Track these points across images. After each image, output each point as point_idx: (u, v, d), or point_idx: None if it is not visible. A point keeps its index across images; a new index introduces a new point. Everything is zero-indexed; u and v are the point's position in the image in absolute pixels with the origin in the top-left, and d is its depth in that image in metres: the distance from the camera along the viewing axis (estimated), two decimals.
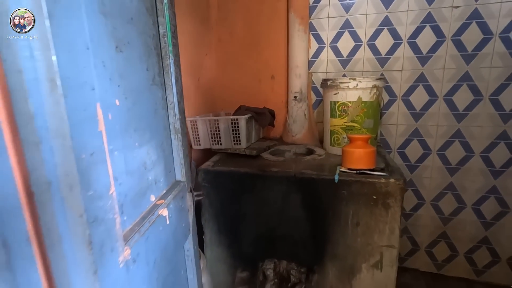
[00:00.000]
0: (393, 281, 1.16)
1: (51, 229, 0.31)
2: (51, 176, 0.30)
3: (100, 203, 0.36)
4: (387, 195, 1.07)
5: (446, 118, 1.57)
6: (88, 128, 0.34)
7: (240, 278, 1.40)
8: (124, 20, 0.47)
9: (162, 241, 0.55)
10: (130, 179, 0.47)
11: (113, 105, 0.42)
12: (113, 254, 0.38)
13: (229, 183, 1.28)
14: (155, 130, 0.58)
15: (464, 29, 1.46)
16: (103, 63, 0.40)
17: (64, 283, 0.33)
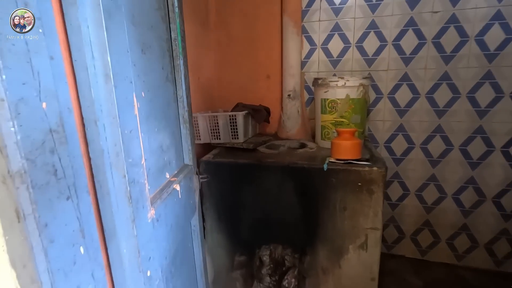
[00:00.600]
0: (377, 260, 1.28)
1: (104, 186, 0.42)
2: (104, 145, 0.41)
3: (135, 169, 0.47)
4: (371, 182, 1.20)
5: (428, 114, 1.70)
6: (129, 112, 0.45)
7: (238, 261, 1.51)
8: (146, 28, 0.58)
9: (176, 210, 0.66)
10: (152, 157, 0.58)
11: (141, 96, 0.53)
12: (144, 210, 0.49)
13: (228, 174, 1.39)
14: (168, 119, 0.69)
15: (443, 32, 1.59)
16: (134, 63, 0.51)
17: (111, 230, 0.44)
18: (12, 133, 0.30)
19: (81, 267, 0.39)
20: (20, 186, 0.32)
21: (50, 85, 0.34)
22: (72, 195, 0.38)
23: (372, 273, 1.29)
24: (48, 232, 0.34)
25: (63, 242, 0.36)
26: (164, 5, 0.69)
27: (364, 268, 1.29)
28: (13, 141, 0.31)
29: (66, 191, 0.37)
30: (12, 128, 0.30)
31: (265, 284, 1.50)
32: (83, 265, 0.39)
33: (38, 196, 0.33)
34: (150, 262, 0.51)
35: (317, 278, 1.38)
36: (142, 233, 0.48)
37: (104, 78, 0.40)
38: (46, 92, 0.34)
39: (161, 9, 0.67)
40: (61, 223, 0.36)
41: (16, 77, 0.30)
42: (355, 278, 1.32)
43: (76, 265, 0.38)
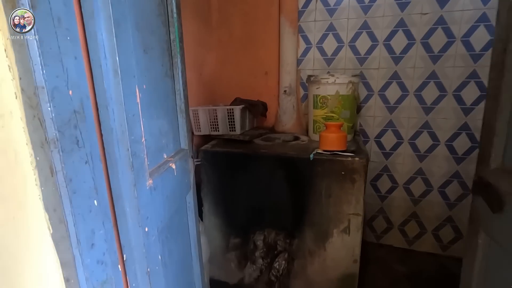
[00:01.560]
0: (359, 243, 1.39)
1: (112, 156, 0.55)
2: (113, 125, 0.54)
3: (137, 145, 0.60)
4: (353, 171, 1.31)
5: (416, 111, 1.79)
6: (132, 100, 0.58)
7: (233, 243, 1.64)
8: (148, 32, 0.70)
9: (171, 185, 0.79)
10: (151, 138, 0.71)
11: (142, 88, 0.66)
12: (143, 178, 0.62)
13: (225, 162, 1.51)
14: (167, 109, 0.82)
15: (431, 33, 1.67)
16: (137, 61, 0.63)
17: (117, 191, 0.57)
18: (49, 112, 0.43)
19: (95, 215, 0.52)
20: (53, 150, 0.45)
21: (74, 78, 0.47)
22: (89, 160, 0.50)
23: (354, 255, 1.41)
24: (72, 185, 0.47)
25: (82, 194, 0.49)
26: (165, 12, 0.81)
27: (347, 250, 1.41)
28: (49, 117, 0.43)
29: (85, 157, 0.49)
30: (49, 108, 0.43)
31: (257, 265, 1.63)
32: (96, 214, 0.52)
33: (65, 158, 0.46)
34: (148, 220, 0.64)
35: (304, 260, 1.50)
36: (141, 196, 0.61)
37: (113, 73, 0.53)
38: (71, 83, 0.46)
39: (162, 15, 0.79)
40: (81, 180, 0.49)
41: (52, 72, 0.43)
42: (339, 260, 1.43)
43: (91, 213, 0.51)
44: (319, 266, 1.48)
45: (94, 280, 0.53)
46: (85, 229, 0.50)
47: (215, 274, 1.66)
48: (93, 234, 0.52)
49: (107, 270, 0.55)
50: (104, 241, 0.54)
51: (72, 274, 0.50)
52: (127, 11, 0.57)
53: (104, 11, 0.50)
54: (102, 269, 0.54)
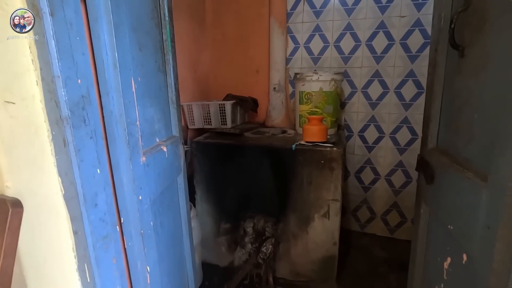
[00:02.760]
0: (338, 227, 1.52)
1: (111, 134, 0.68)
2: (112, 109, 0.66)
3: (132, 126, 0.72)
4: (331, 160, 1.43)
5: (396, 107, 1.92)
6: (128, 89, 0.70)
7: (223, 228, 1.77)
8: (143, 33, 0.83)
9: (163, 165, 0.91)
10: (145, 123, 0.83)
11: (138, 80, 0.78)
12: (137, 155, 0.74)
13: (216, 153, 1.64)
14: (159, 99, 0.94)
15: (409, 34, 1.80)
16: (133, 57, 0.76)
17: (116, 163, 0.69)
18: (63, 95, 0.56)
19: (98, 181, 0.64)
20: (66, 125, 0.57)
21: (82, 70, 0.59)
22: (93, 136, 0.63)
23: (333, 238, 1.53)
24: (80, 154, 0.60)
25: (88, 163, 0.62)
26: (158, 15, 0.93)
27: (327, 234, 1.53)
28: (64, 100, 0.56)
29: (90, 133, 0.62)
30: (63, 93, 0.55)
31: (246, 249, 1.76)
32: (99, 180, 0.65)
33: (75, 133, 0.58)
34: (141, 190, 0.76)
35: (288, 243, 1.63)
36: (136, 169, 0.73)
37: (113, 67, 0.65)
38: (80, 73, 0.59)
39: (155, 18, 0.91)
40: (87, 151, 0.61)
41: (65, 64, 0.55)
42: (320, 242, 1.56)
43: (95, 179, 0.63)
44: (302, 249, 1.61)
45: (97, 234, 0.65)
46: (90, 191, 0.63)
47: (206, 257, 1.78)
48: (96, 196, 0.64)
49: (107, 228, 0.68)
50: (105, 203, 0.67)
51: (79, 227, 0.62)
52: (124, 16, 0.70)
53: (105, 17, 0.63)
54: (103, 226, 0.67)
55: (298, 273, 1.65)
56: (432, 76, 0.77)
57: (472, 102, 0.58)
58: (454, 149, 0.65)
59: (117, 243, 0.72)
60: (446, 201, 0.65)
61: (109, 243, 0.69)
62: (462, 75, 0.63)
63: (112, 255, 0.70)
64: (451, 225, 0.62)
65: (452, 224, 0.62)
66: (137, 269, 0.78)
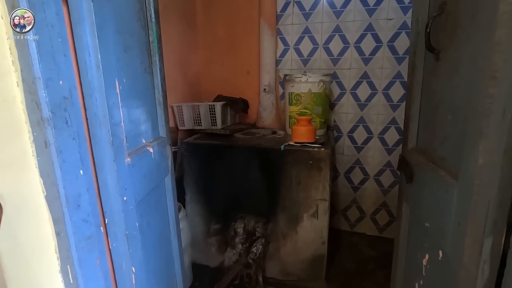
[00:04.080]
0: (326, 226, 1.53)
1: (95, 135, 0.68)
2: (96, 110, 0.67)
3: (116, 128, 0.73)
4: (319, 160, 1.45)
5: (384, 108, 1.95)
6: (112, 90, 0.71)
7: (214, 229, 1.77)
8: (128, 34, 0.83)
9: (149, 166, 0.92)
10: (131, 124, 0.83)
11: (122, 82, 0.79)
12: (122, 156, 0.75)
13: (206, 153, 1.65)
14: (145, 100, 0.95)
15: (396, 37, 1.83)
16: (118, 59, 0.76)
17: (100, 164, 0.70)
18: (44, 97, 0.56)
19: (81, 182, 0.65)
20: (47, 127, 0.57)
21: (64, 71, 0.60)
22: (76, 137, 0.63)
23: (322, 238, 1.55)
24: (62, 155, 0.60)
25: (71, 164, 0.62)
26: (144, 17, 0.94)
27: (316, 233, 1.55)
28: (45, 101, 0.56)
29: (72, 134, 0.62)
30: (44, 94, 0.56)
31: (237, 250, 1.77)
32: (82, 181, 0.65)
33: (57, 134, 0.58)
34: (126, 191, 0.77)
35: (278, 243, 1.65)
36: (120, 170, 0.74)
37: (96, 68, 0.65)
38: (62, 75, 0.59)
39: (141, 20, 0.92)
40: (70, 153, 0.61)
41: (46, 66, 0.56)
42: (309, 241, 1.58)
43: (78, 180, 0.64)
44: (291, 248, 1.62)
45: (80, 235, 0.65)
46: (73, 192, 0.63)
47: (197, 258, 1.79)
48: (79, 197, 0.65)
49: (91, 228, 0.68)
50: (89, 204, 0.67)
51: (62, 228, 0.62)
52: (108, 18, 0.70)
53: (88, 19, 0.63)
54: (87, 227, 0.67)
55: (288, 272, 1.66)
56: (411, 78, 0.79)
57: (446, 103, 0.60)
58: (431, 148, 0.67)
59: (101, 244, 0.72)
60: (423, 199, 0.67)
61: (93, 244, 0.69)
62: (438, 78, 0.65)
63: (96, 256, 0.70)
64: (427, 223, 0.64)
65: (428, 222, 0.64)
66: (122, 270, 0.78)
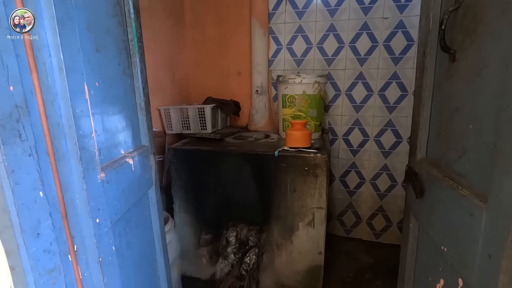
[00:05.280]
0: (323, 236, 1.46)
1: (59, 149, 0.58)
2: (59, 120, 0.56)
3: (86, 139, 0.62)
4: (316, 166, 1.37)
5: (380, 110, 1.89)
6: (80, 96, 0.60)
7: (204, 239, 1.67)
8: (102, 31, 0.73)
9: (129, 179, 0.81)
10: (105, 134, 0.73)
11: (94, 85, 0.68)
12: (94, 172, 0.65)
13: (194, 160, 1.54)
14: (124, 106, 0.84)
15: (392, 36, 1.77)
16: (88, 59, 0.66)
17: (65, 183, 0.59)
18: None
19: (41, 206, 0.54)
20: None
21: (16, 75, 0.49)
22: (33, 153, 0.53)
23: (319, 248, 1.47)
24: (14, 176, 0.49)
25: (26, 185, 0.51)
26: (122, 12, 0.83)
27: (312, 243, 1.47)
28: None
29: (28, 149, 0.52)
30: None
31: (229, 260, 1.67)
32: (42, 205, 0.54)
33: (7, 150, 0.48)
34: (99, 212, 0.66)
35: (272, 253, 1.56)
36: (91, 189, 0.63)
37: (58, 71, 0.55)
38: (13, 79, 0.49)
39: (118, 15, 0.81)
40: (24, 172, 0.51)
41: None
42: (305, 252, 1.50)
43: (36, 204, 0.53)
44: (286, 259, 1.54)
45: (41, 268, 0.55)
46: (30, 219, 0.53)
47: (187, 270, 1.68)
48: (39, 224, 0.54)
49: (54, 259, 0.58)
50: (52, 231, 0.57)
51: (17, 263, 0.52)
52: (73, 11, 0.60)
53: (47, 12, 0.53)
54: (50, 258, 0.57)
55: (283, 284, 1.58)
56: (420, 81, 0.72)
57: (465, 111, 0.53)
58: (445, 161, 0.60)
59: (69, 275, 0.62)
60: (438, 218, 0.60)
61: (58, 277, 0.58)
62: (453, 81, 0.57)
63: None
64: (444, 247, 0.56)
65: (445, 246, 0.56)
66: None
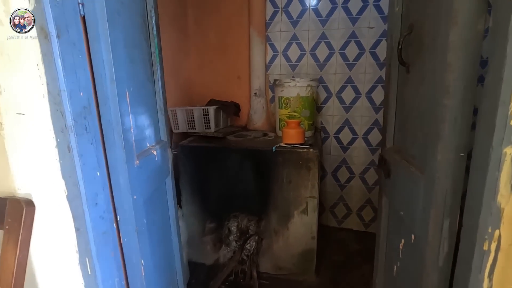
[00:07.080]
0: (316, 222, 1.64)
1: (109, 140, 0.75)
2: (110, 117, 0.74)
3: (127, 133, 0.80)
4: (308, 160, 1.56)
5: (367, 110, 2.09)
6: (123, 99, 0.78)
7: (208, 228, 1.85)
8: (133, 47, 0.91)
9: (153, 167, 0.99)
10: (137, 129, 0.91)
11: (130, 91, 0.86)
12: (132, 158, 0.82)
13: (200, 155, 1.72)
14: (149, 107, 1.02)
15: (377, 44, 1.97)
16: (126, 70, 0.84)
17: (113, 166, 0.77)
18: (67, 107, 0.63)
19: (98, 182, 0.72)
20: (70, 133, 0.65)
21: (83, 84, 0.67)
22: (93, 143, 0.71)
23: (312, 233, 1.66)
24: (83, 159, 0.67)
25: (89, 166, 0.69)
26: (147, 30, 1.01)
27: (306, 228, 1.66)
28: (68, 111, 0.63)
29: (90, 139, 0.70)
30: (68, 104, 0.63)
31: (231, 247, 1.85)
32: (99, 181, 0.72)
33: (78, 140, 0.66)
34: (136, 190, 0.84)
35: (270, 239, 1.74)
36: (131, 171, 0.81)
37: (110, 80, 0.73)
38: (82, 87, 0.67)
39: (144, 33, 0.99)
40: (89, 156, 0.69)
41: (69, 79, 0.63)
42: (299, 237, 1.68)
43: (95, 180, 0.71)
44: (283, 244, 1.72)
45: (97, 230, 0.73)
46: (91, 191, 0.70)
47: (193, 256, 1.86)
48: (96, 196, 0.72)
49: (106, 225, 0.75)
50: (104, 202, 0.75)
51: (82, 225, 0.69)
52: (119, 34, 0.78)
53: (103, 36, 0.71)
54: (103, 223, 0.75)
55: (280, 267, 1.76)
56: (387, 87, 0.91)
57: (414, 110, 0.71)
58: (404, 148, 0.78)
59: (114, 239, 0.80)
60: (398, 191, 0.78)
61: (108, 238, 0.76)
62: (408, 87, 0.76)
63: (111, 249, 0.77)
64: (402, 211, 0.75)
65: (402, 210, 0.74)
66: (133, 263, 0.85)
